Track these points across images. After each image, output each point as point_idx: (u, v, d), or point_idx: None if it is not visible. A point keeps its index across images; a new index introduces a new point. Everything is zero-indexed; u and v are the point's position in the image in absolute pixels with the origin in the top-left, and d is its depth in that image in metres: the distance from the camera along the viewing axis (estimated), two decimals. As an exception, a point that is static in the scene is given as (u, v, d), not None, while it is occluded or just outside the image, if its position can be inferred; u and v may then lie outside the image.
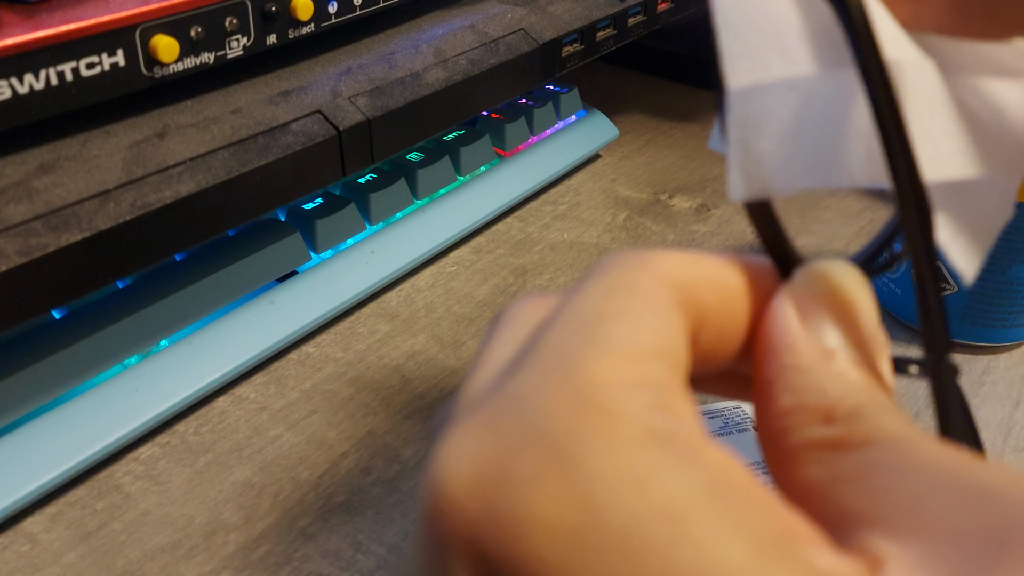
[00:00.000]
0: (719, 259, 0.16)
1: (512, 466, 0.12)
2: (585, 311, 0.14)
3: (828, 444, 0.14)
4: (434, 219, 0.47)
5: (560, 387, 0.13)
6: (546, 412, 0.13)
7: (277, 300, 0.41)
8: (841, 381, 0.14)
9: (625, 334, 0.14)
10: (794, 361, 0.15)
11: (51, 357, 0.34)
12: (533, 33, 0.46)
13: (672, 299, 0.15)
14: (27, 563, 0.31)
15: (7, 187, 0.29)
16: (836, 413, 0.14)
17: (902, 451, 0.13)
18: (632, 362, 0.13)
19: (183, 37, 0.32)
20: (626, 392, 0.13)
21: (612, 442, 0.12)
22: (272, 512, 0.33)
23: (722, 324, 0.16)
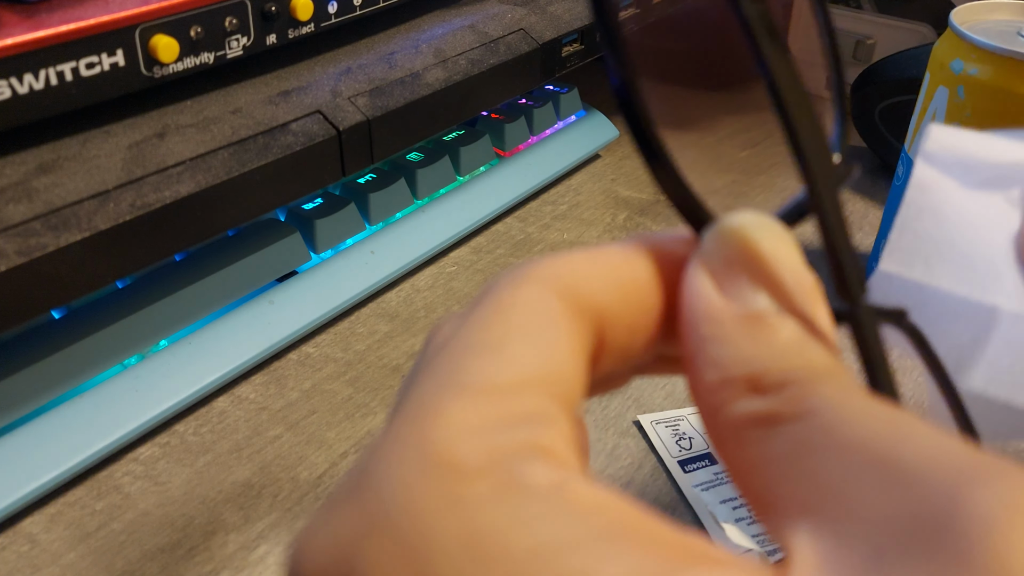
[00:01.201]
0: (618, 248, 0.15)
1: (360, 557, 0.11)
2: (454, 347, 0.13)
3: (760, 419, 0.13)
4: (434, 219, 0.47)
5: (407, 448, 0.12)
6: (391, 484, 0.12)
7: (277, 300, 0.41)
8: (766, 344, 0.13)
9: (489, 369, 0.13)
10: (713, 331, 0.14)
11: (51, 357, 0.34)
12: (533, 33, 0.46)
13: (559, 311, 0.13)
14: (26, 563, 0.31)
15: (7, 187, 0.29)
16: (765, 381, 0.13)
17: (831, 425, 0.12)
18: (494, 400, 0.12)
19: (183, 37, 0.32)
20: (477, 439, 0.12)
21: (455, 507, 0.11)
22: (272, 512, 0.33)
23: (631, 317, 0.14)
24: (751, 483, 0.13)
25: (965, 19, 0.40)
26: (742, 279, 0.14)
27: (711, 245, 0.14)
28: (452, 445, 0.12)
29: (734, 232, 0.14)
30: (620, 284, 0.14)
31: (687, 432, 0.36)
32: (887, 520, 0.11)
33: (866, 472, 0.11)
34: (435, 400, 0.12)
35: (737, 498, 0.33)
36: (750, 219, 0.14)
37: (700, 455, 0.35)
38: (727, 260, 0.14)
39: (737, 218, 0.14)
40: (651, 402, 0.39)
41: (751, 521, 0.32)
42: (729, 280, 0.14)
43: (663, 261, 0.15)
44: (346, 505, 0.12)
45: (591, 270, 0.14)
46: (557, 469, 0.12)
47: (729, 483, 0.34)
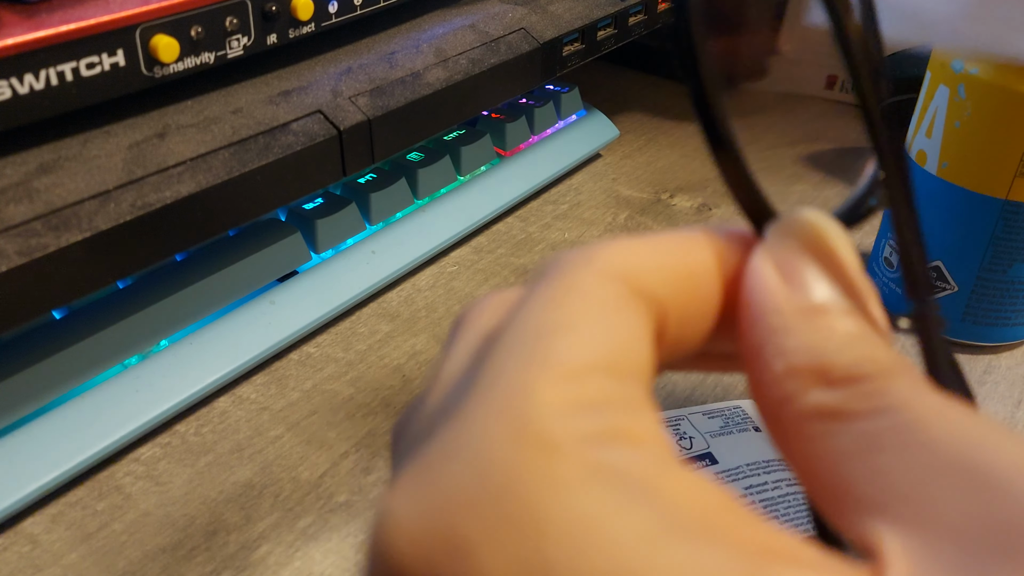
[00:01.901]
0: (678, 237, 0.15)
1: (458, 529, 0.11)
2: (526, 326, 0.13)
3: (831, 412, 0.13)
4: (435, 219, 0.47)
5: (498, 423, 0.12)
6: (486, 458, 0.12)
7: (277, 300, 0.41)
8: (834, 336, 0.13)
9: (567, 349, 0.12)
10: (780, 322, 0.14)
11: (51, 357, 0.34)
12: (534, 32, 0.46)
13: (624, 296, 0.13)
14: (28, 564, 0.31)
15: (7, 187, 0.29)
16: (833, 372, 0.13)
17: (907, 424, 0.12)
18: (575, 382, 0.12)
19: (183, 37, 0.32)
20: (567, 420, 0.12)
21: (555, 487, 0.11)
22: (273, 512, 0.33)
23: (690, 309, 0.14)
24: (818, 477, 0.13)
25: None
26: (808, 271, 0.14)
27: (778, 237, 0.14)
28: (548, 424, 0.12)
29: (802, 225, 0.14)
30: (681, 274, 0.14)
31: (687, 432, 0.36)
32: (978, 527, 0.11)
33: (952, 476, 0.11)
34: (522, 378, 0.12)
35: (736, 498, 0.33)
36: (815, 216, 0.14)
37: (700, 455, 0.35)
38: (793, 252, 0.14)
39: (803, 214, 0.14)
40: (652, 402, 0.38)
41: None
42: (795, 272, 0.14)
43: (720, 252, 0.15)
44: (438, 477, 0.12)
45: (652, 258, 0.14)
46: (649, 457, 0.12)
47: (730, 483, 0.34)
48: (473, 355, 0.14)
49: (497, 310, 0.15)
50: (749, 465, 0.34)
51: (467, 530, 0.11)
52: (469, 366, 0.14)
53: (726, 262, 0.15)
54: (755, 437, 0.36)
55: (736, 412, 0.37)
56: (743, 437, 0.36)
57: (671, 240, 0.15)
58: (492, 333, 0.14)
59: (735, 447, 0.35)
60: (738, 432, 0.36)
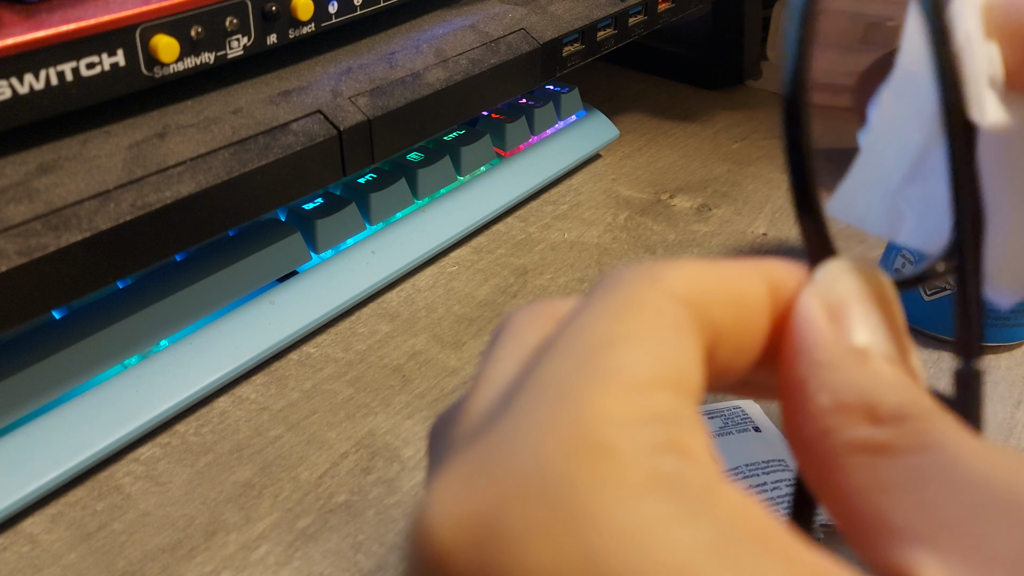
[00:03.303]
0: (735, 268, 0.15)
1: (507, 518, 0.11)
2: (588, 335, 0.13)
3: (874, 447, 0.13)
4: (434, 219, 0.47)
5: (558, 425, 0.12)
6: (543, 454, 0.12)
7: (277, 300, 0.41)
8: (880, 378, 0.14)
9: (631, 362, 0.13)
10: (827, 358, 0.14)
11: (51, 357, 0.34)
12: (534, 33, 0.46)
13: (685, 318, 0.14)
14: (27, 564, 0.31)
15: (7, 187, 0.29)
16: (880, 412, 0.13)
17: (953, 460, 0.12)
18: (638, 394, 0.12)
19: (183, 37, 0.32)
20: (630, 430, 0.12)
21: (614, 490, 0.11)
22: (272, 512, 0.33)
23: (740, 337, 0.15)
24: (854, 508, 0.13)
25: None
26: (855, 315, 0.14)
27: (830, 278, 0.15)
28: (609, 431, 0.12)
29: (852, 272, 0.15)
30: (737, 302, 0.15)
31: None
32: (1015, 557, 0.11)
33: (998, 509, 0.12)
34: (581, 385, 0.12)
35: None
36: (866, 265, 0.15)
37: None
38: (843, 294, 0.15)
39: (856, 261, 0.15)
40: (652, 402, 0.38)
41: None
42: (843, 313, 0.14)
43: (776, 286, 0.15)
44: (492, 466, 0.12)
45: (711, 283, 0.15)
46: (705, 472, 0.12)
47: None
48: (524, 363, 0.14)
49: (547, 321, 0.15)
50: (749, 465, 0.34)
51: (518, 520, 0.11)
52: (520, 373, 0.14)
53: (778, 294, 0.15)
54: (755, 437, 0.36)
55: (736, 412, 0.37)
56: (743, 437, 0.36)
57: (731, 268, 0.15)
58: (544, 343, 0.14)
59: (735, 447, 0.35)
60: (738, 432, 0.36)
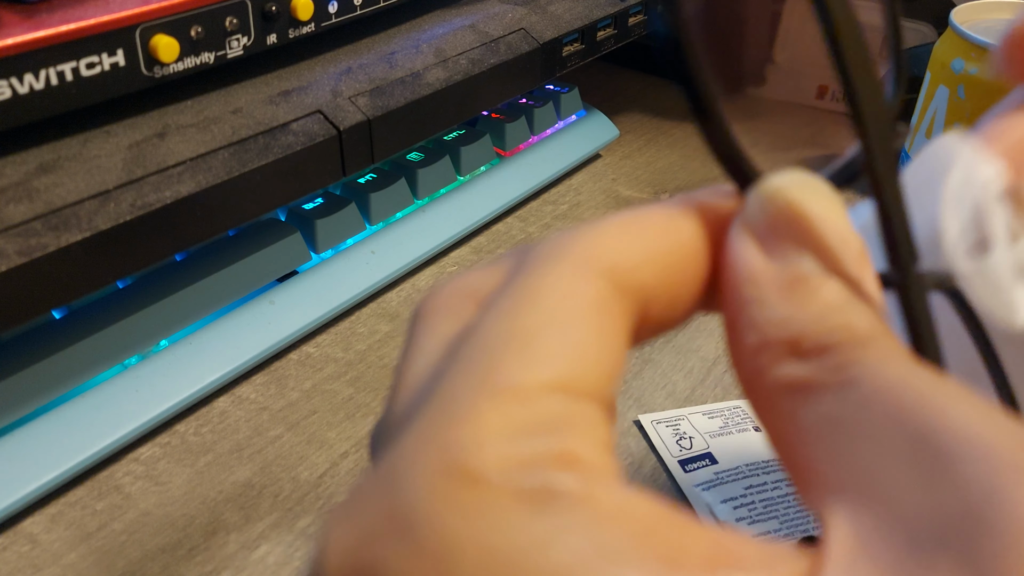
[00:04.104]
0: (659, 215, 0.14)
1: (376, 563, 0.11)
2: (485, 338, 0.13)
3: (799, 385, 0.12)
4: (434, 219, 0.47)
5: (426, 457, 0.12)
6: (410, 491, 0.11)
7: (277, 300, 0.41)
8: (808, 306, 0.13)
9: (521, 367, 0.12)
10: (755, 293, 0.13)
11: (51, 357, 0.34)
12: (533, 33, 0.46)
13: (603, 297, 0.13)
14: (27, 563, 0.31)
15: (7, 187, 0.29)
16: (805, 345, 0.12)
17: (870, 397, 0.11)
18: (523, 403, 0.12)
19: (183, 37, 0.32)
20: (499, 450, 0.11)
21: (479, 521, 0.11)
22: (272, 512, 0.33)
23: (673, 289, 0.14)
24: (789, 452, 0.12)
25: (965, 18, 0.40)
26: (786, 240, 0.13)
27: (755, 205, 0.14)
28: (479, 455, 0.11)
29: (779, 192, 0.13)
30: (662, 256, 0.14)
31: (687, 432, 0.36)
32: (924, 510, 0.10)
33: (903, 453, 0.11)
34: (462, 404, 0.12)
35: (737, 498, 0.33)
36: (796, 179, 0.14)
37: (701, 455, 0.35)
38: (771, 221, 0.13)
39: (782, 178, 0.14)
40: (652, 402, 0.39)
41: (752, 520, 0.32)
42: (773, 241, 0.13)
43: (707, 222, 0.14)
44: (369, 503, 0.12)
45: (631, 243, 0.13)
46: (584, 477, 0.11)
47: (730, 483, 0.34)
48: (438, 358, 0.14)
49: (464, 303, 0.14)
50: (749, 465, 0.34)
51: (386, 564, 0.11)
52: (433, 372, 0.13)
53: (711, 229, 0.14)
54: (755, 437, 0.36)
55: (736, 412, 0.37)
56: (743, 437, 0.36)
57: (651, 219, 0.14)
58: (458, 336, 0.13)
59: (735, 447, 0.35)
60: (738, 432, 0.36)
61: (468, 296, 0.15)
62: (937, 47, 0.40)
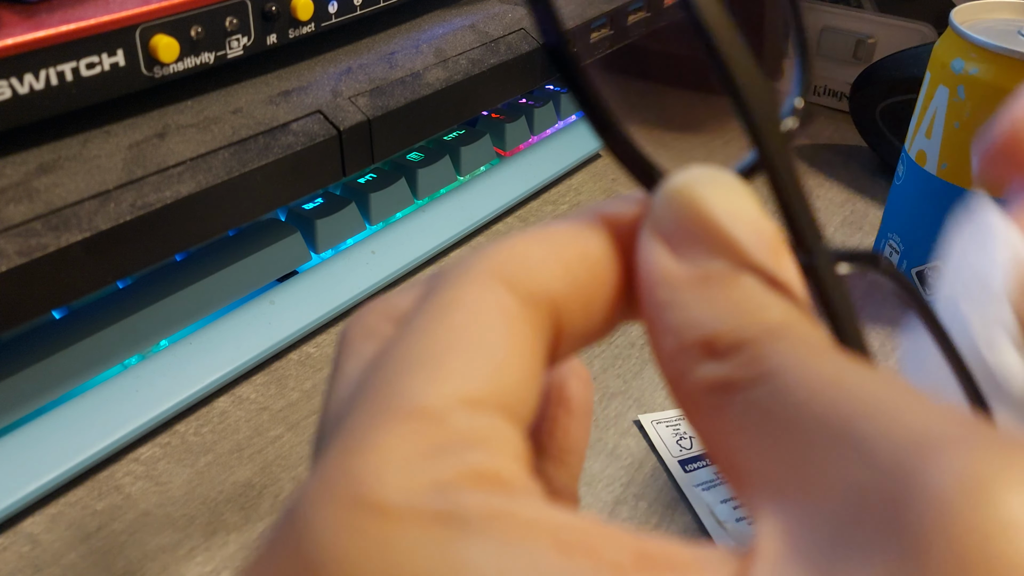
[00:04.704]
0: (566, 226, 0.14)
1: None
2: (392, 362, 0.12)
3: (718, 385, 0.12)
4: (434, 219, 0.47)
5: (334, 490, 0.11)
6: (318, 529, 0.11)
7: (277, 300, 0.41)
8: (720, 304, 0.12)
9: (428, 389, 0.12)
10: (668, 296, 0.13)
11: (51, 357, 0.34)
12: (534, 33, 0.46)
13: (509, 308, 0.13)
14: (27, 563, 0.31)
15: (7, 187, 0.29)
16: (720, 344, 0.12)
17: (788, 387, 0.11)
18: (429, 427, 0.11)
19: (183, 37, 0.32)
20: (409, 475, 0.11)
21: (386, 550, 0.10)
22: (272, 512, 0.33)
23: (587, 299, 0.14)
24: (719, 454, 0.12)
25: (965, 18, 0.40)
26: (693, 239, 0.13)
27: (660, 206, 0.13)
28: (382, 483, 0.11)
29: (681, 190, 0.13)
30: (572, 266, 0.13)
31: (688, 432, 0.36)
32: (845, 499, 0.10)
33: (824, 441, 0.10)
34: (366, 431, 0.11)
35: (738, 498, 0.33)
36: (698, 175, 0.13)
37: (701, 455, 0.35)
38: (677, 221, 0.13)
39: (684, 175, 0.13)
40: (652, 402, 0.39)
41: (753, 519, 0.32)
42: (681, 241, 0.13)
43: (616, 230, 0.14)
44: (275, 551, 0.11)
45: (540, 255, 0.13)
46: (496, 495, 0.11)
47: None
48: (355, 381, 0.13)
49: (383, 325, 0.14)
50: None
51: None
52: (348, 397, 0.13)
53: (621, 237, 0.14)
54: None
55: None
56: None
57: (559, 231, 0.14)
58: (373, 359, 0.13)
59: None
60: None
61: (388, 318, 0.14)
62: (937, 47, 0.40)
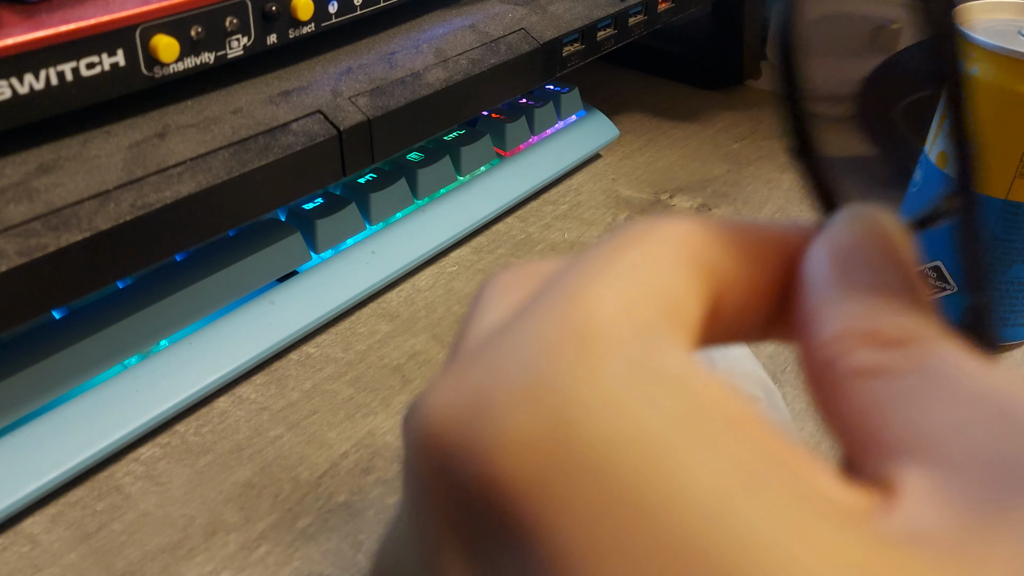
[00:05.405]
0: (742, 221, 0.16)
1: (491, 394, 0.12)
2: (589, 263, 0.14)
3: (874, 370, 0.13)
4: (434, 219, 0.47)
5: (551, 320, 0.13)
6: (532, 344, 0.13)
7: (277, 300, 0.41)
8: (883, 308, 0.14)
9: (629, 280, 0.13)
10: (833, 294, 0.14)
11: (51, 357, 0.34)
12: (534, 33, 0.46)
13: (685, 258, 0.14)
14: (27, 564, 0.31)
15: (7, 187, 0.29)
16: (881, 337, 0.14)
17: (947, 378, 0.13)
18: (631, 303, 0.13)
19: (183, 37, 0.32)
20: (618, 325, 0.13)
21: (593, 368, 0.12)
22: (272, 512, 0.33)
23: (748, 286, 0.15)
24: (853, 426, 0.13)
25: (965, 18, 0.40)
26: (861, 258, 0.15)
27: (840, 225, 0.15)
28: (592, 325, 0.13)
29: (865, 215, 0.15)
30: (742, 252, 0.15)
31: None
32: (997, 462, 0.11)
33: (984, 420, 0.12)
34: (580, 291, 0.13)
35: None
36: (876, 208, 0.15)
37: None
38: (856, 237, 0.15)
39: (866, 206, 0.15)
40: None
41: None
42: (849, 259, 0.15)
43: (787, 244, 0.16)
44: (477, 364, 0.13)
45: (716, 235, 0.15)
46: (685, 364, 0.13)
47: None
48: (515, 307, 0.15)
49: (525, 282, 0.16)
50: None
51: (500, 396, 0.12)
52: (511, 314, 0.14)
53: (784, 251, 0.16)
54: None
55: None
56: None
57: (734, 222, 0.15)
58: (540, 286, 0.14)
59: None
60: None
61: (532, 276, 0.16)
62: (937, 47, 0.40)
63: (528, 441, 0.12)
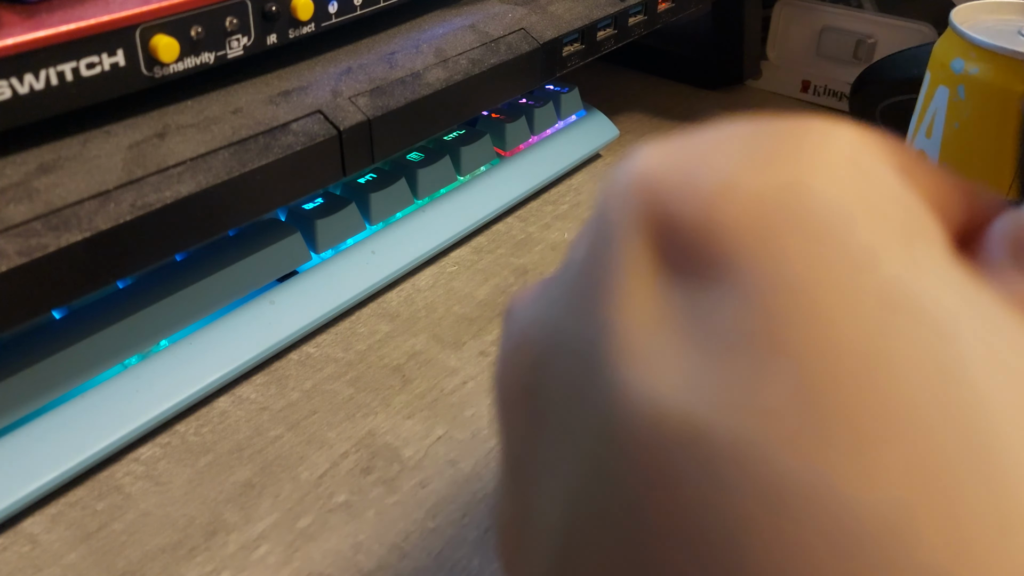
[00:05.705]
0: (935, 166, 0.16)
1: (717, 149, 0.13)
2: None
3: None
4: (434, 219, 0.47)
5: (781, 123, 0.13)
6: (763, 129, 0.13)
7: (277, 300, 0.41)
8: None
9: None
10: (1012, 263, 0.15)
11: (51, 357, 0.34)
12: (534, 33, 0.46)
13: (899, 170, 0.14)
14: (27, 564, 0.31)
15: (7, 187, 0.29)
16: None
17: None
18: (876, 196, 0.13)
19: (183, 37, 0.32)
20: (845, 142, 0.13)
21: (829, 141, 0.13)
22: (272, 512, 0.33)
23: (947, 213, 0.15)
24: None
25: (965, 18, 0.40)
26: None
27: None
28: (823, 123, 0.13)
29: None
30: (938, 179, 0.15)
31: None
32: None
33: None
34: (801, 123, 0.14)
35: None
36: None
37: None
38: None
39: None
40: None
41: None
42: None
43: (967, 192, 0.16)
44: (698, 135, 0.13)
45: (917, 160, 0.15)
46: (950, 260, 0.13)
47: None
48: None
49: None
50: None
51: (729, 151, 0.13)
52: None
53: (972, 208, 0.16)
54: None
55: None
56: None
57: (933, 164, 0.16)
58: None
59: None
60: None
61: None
62: (937, 47, 0.40)
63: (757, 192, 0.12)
